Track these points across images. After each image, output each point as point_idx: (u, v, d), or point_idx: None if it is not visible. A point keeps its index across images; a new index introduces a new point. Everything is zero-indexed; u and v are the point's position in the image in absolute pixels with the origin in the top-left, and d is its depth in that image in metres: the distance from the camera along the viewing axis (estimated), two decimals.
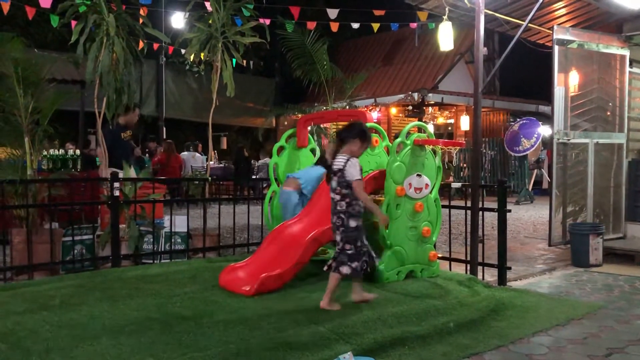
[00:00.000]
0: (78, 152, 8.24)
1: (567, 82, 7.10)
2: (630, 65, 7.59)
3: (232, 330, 3.56)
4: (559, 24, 7.38)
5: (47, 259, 5.48)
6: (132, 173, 6.41)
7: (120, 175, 5.98)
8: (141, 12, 9.22)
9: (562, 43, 6.93)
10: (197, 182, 7.84)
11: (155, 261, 5.99)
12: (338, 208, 4.19)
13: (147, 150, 14.22)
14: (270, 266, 4.69)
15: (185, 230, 6.34)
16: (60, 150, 8.03)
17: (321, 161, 5.17)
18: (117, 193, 5.58)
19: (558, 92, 6.97)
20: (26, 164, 6.04)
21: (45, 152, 7.55)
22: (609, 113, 7.47)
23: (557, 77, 6.94)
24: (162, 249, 6.20)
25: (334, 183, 4.20)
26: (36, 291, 4.47)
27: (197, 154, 14.74)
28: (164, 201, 6.77)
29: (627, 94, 7.53)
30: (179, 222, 6.32)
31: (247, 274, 4.68)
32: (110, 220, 5.63)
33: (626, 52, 7.45)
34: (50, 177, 6.62)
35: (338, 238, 4.20)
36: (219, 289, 4.56)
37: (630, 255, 6.76)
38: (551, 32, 7.07)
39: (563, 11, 7.54)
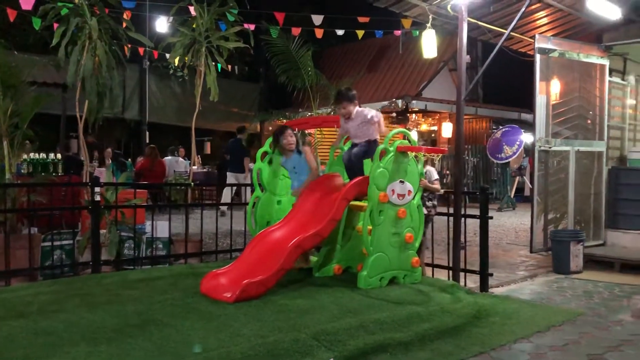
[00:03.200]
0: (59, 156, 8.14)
1: (548, 91, 7.18)
2: (610, 74, 7.71)
3: (213, 337, 3.52)
4: (540, 33, 7.46)
5: (25, 264, 5.40)
6: (247, 178, 6.56)
7: (232, 179, 6.06)
8: (124, 15, 9.14)
9: (544, 52, 7.00)
10: (179, 187, 7.78)
11: (136, 267, 5.93)
12: None
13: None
14: (252, 272, 4.66)
15: (167, 235, 6.28)
16: (41, 154, 7.92)
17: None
18: (97, 198, 5.52)
19: (539, 100, 7.04)
20: (4, 167, 5.95)
21: (25, 156, 7.45)
22: (589, 121, 7.56)
23: (539, 85, 7.01)
24: (143, 255, 6.14)
25: None
26: (13, 298, 4.40)
27: (181, 159, 14.64)
28: (146, 206, 6.70)
29: (607, 103, 7.64)
30: (161, 228, 6.27)
31: (229, 281, 4.64)
32: (90, 225, 5.56)
33: (606, 62, 7.55)
34: (29, 182, 6.53)
35: None
36: (201, 295, 4.51)
37: (610, 262, 6.84)
38: (533, 40, 7.15)
39: (545, 20, 7.64)
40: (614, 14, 6.79)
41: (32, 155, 7.66)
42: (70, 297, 4.41)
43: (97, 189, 5.54)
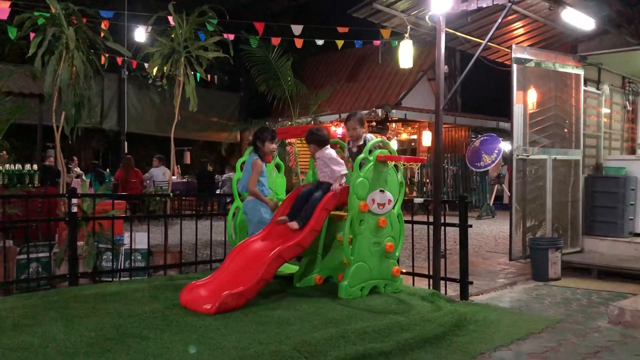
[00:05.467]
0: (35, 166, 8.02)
1: (525, 100, 7.28)
2: (585, 84, 7.85)
3: (192, 350, 3.48)
4: (517, 43, 7.58)
5: (0, 278, 5.28)
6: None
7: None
8: (102, 25, 9.07)
9: (520, 62, 7.11)
10: (158, 198, 7.72)
11: (114, 279, 5.85)
12: None
13: None
14: (232, 284, 4.62)
15: (146, 247, 6.21)
16: (17, 165, 7.80)
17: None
18: (75, 209, 5.44)
19: (517, 109, 7.14)
20: None
21: (0, 167, 7.33)
22: (565, 130, 7.68)
23: (516, 94, 7.11)
24: (122, 267, 6.06)
25: None
26: None
27: (168, 170, 14.52)
28: (124, 217, 6.63)
29: (583, 112, 7.76)
30: (140, 239, 6.19)
31: (209, 292, 4.59)
32: (67, 237, 5.47)
33: (581, 72, 7.69)
34: (4, 194, 6.42)
35: None
36: (180, 307, 4.46)
37: (587, 268, 6.93)
38: (510, 51, 7.25)
39: (521, 31, 7.76)
40: (588, 25, 6.93)
41: (7, 166, 7.54)
42: (46, 311, 4.33)
43: (74, 200, 5.47)
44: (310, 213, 5.06)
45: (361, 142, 5.48)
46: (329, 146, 5.39)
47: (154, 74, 7.74)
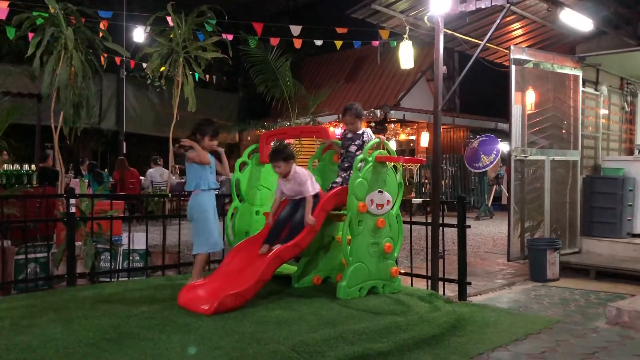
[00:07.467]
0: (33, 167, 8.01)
1: (524, 101, 7.28)
2: (583, 85, 7.85)
3: (190, 350, 3.48)
4: (515, 44, 7.58)
5: None
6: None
7: None
8: (101, 25, 9.08)
9: (519, 62, 7.11)
10: (156, 199, 7.71)
11: (112, 280, 5.85)
12: None
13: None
14: (231, 284, 4.62)
15: (144, 247, 6.21)
16: (16, 165, 7.79)
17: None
18: (73, 209, 5.44)
19: (515, 110, 7.14)
20: None
21: None
22: (564, 131, 7.68)
23: (514, 95, 7.11)
24: (120, 267, 6.06)
25: None
26: None
27: (166, 170, 14.49)
28: (122, 218, 6.62)
29: (581, 113, 7.77)
30: (138, 239, 6.19)
31: (207, 293, 4.59)
32: (65, 237, 5.47)
33: (579, 73, 7.69)
34: (2, 194, 6.41)
35: None
36: (178, 308, 4.45)
37: (585, 269, 6.93)
38: (508, 51, 7.25)
39: (520, 32, 7.77)
40: (586, 25, 6.93)
41: (5, 166, 7.53)
42: (44, 312, 4.32)
43: (72, 201, 5.46)
44: (297, 232, 4.90)
45: (359, 132, 5.48)
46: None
47: (152, 74, 7.74)
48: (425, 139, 18.54)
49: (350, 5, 7.00)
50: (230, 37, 10.80)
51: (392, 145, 15.38)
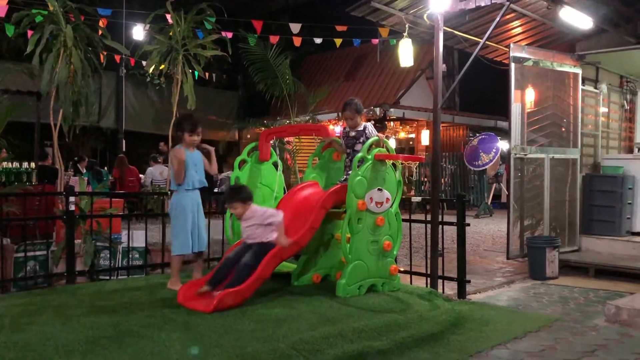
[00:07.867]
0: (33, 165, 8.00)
1: (523, 99, 7.28)
2: (583, 83, 7.84)
3: (190, 348, 3.48)
4: (515, 42, 7.57)
5: None
6: None
7: None
8: (100, 23, 9.06)
9: (518, 60, 7.11)
10: (156, 196, 7.70)
11: (111, 277, 5.85)
12: None
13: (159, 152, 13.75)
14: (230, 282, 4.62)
15: (144, 245, 6.21)
16: (15, 163, 7.77)
17: None
18: (72, 207, 5.43)
19: (515, 108, 7.13)
20: None
21: None
22: (563, 129, 7.68)
23: (514, 93, 7.10)
24: (119, 265, 6.06)
25: None
26: None
27: (166, 168, 14.47)
28: (121, 216, 6.62)
29: (580, 111, 7.76)
30: (137, 237, 6.19)
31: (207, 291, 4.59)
32: (65, 235, 5.46)
33: (579, 71, 7.69)
34: (1, 192, 6.40)
35: None
36: (178, 306, 4.45)
37: (584, 267, 6.94)
38: (508, 49, 7.25)
39: (519, 30, 7.76)
40: (586, 23, 6.92)
41: (5, 164, 7.52)
42: (44, 309, 4.33)
43: (71, 199, 5.46)
44: (243, 277, 4.52)
45: (360, 128, 5.47)
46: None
47: (152, 72, 7.73)
48: (425, 137, 18.54)
49: (350, 3, 6.99)
50: (229, 35, 10.81)
51: (392, 143, 15.37)
